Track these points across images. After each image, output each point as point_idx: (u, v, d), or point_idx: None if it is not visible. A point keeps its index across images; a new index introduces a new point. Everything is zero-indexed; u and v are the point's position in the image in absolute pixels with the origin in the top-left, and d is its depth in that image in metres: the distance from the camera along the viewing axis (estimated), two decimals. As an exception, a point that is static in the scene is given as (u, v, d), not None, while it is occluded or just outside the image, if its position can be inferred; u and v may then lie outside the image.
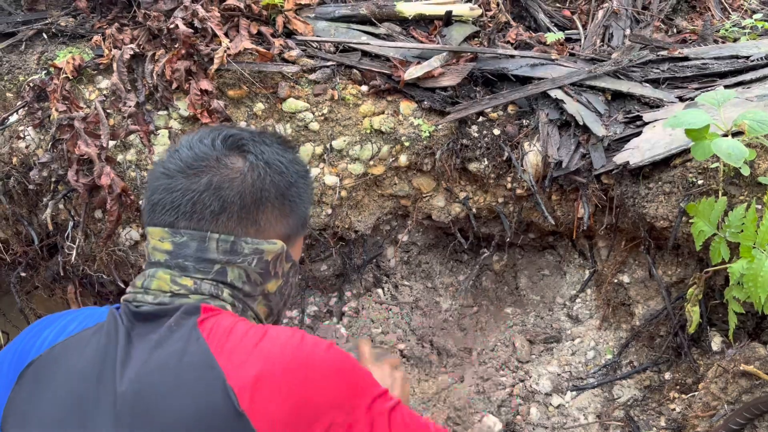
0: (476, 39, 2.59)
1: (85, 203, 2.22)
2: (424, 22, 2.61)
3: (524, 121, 2.30)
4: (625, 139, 2.14)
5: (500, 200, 2.40)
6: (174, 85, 2.19)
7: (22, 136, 2.26)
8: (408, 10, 2.55)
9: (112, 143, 2.21)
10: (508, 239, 2.48)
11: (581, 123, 2.20)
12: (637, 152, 2.04)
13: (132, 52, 2.24)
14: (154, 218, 1.06)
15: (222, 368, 0.89)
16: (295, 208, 1.13)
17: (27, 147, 2.26)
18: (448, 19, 2.57)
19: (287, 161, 1.12)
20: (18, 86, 2.32)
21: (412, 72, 2.27)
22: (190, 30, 2.18)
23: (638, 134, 2.13)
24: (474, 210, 2.43)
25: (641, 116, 2.19)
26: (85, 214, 2.25)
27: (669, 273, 2.10)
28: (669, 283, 2.09)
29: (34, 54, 2.38)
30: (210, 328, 0.95)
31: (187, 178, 1.03)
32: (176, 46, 2.20)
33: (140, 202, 2.18)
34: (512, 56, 2.45)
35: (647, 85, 2.37)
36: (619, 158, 2.06)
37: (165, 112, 2.25)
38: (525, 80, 2.38)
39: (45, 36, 2.43)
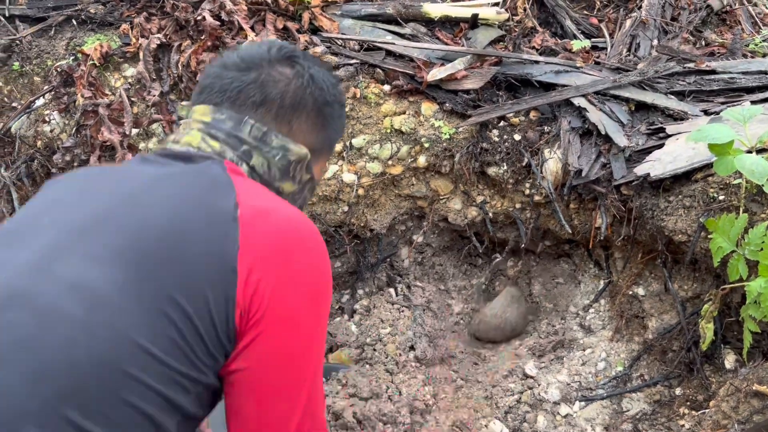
0: (501, 43, 2.58)
1: (105, 189, 2.25)
2: (449, 23, 2.61)
3: (546, 127, 2.28)
4: (647, 151, 2.12)
5: (517, 206, 2.39)
6: (199, 77, 2.21)
7: (47, 119, 2.29)
8: (434, 11, 2.55)
9: (135, 131, 2.23)
10: (523, 245, 2.46)
11: (603, 132, 2.18)
12: (659, 164, 2.02)
13: (159, 42, 2.26)
14: (200, 98, 1.18)
15: (238, 198, 0.98)
16: (327, 127, 1.23)
17: (52, 131, 2.30)
18: (474, 22, 2.56)
19: (330, 83, 1.23)
20: (46, 71, 2.36)
21: (436, 73, 2.26)
22: (217, 22, 2.20)
23: (660, 146, 2.11)
24: (490, 214, 2.42)
25: (664, 128, 2.17)
26: (105, 199, 2.28)
27: (685, 288, 2.08)
28: (684, 297, 2.07)
29: (63, 39, 2.41)
30: (238, 178, 1.05)
31: (239, 71, 1.16)
32: (202, 37, 2.22)
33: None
34: (537, 62, 2.44)
35: (672, 97, 2.34)
36: (640, 170, 2.04)
37: (188, 103, 2.27)
38: (548, 87, 2.37)
39: (74, 22, 2.46)
